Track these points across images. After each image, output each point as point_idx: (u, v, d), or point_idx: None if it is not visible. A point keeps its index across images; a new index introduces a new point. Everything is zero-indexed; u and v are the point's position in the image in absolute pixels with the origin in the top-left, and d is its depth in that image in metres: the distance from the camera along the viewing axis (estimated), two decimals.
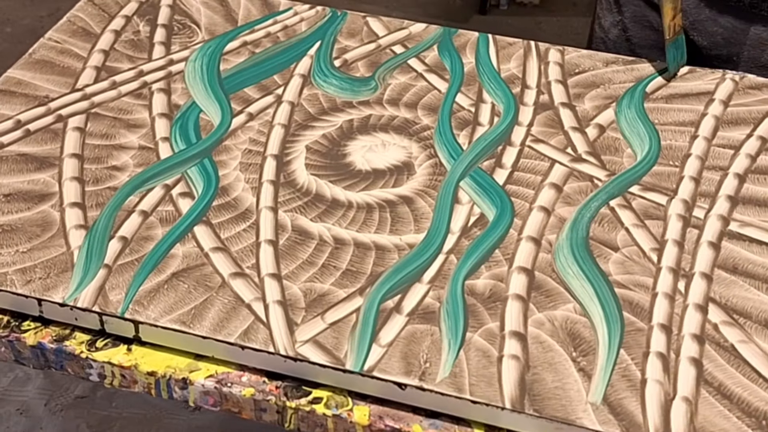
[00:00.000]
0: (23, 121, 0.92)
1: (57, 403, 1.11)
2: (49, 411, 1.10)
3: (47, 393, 1.13)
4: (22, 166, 0.88)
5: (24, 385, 1.13)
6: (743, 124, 0.94)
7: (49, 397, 1.12)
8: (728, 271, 0.80)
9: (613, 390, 0.70)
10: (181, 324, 0.74)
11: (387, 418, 0.71)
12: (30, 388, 1.13)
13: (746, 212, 0.85)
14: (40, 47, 1.02)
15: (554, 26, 2.44)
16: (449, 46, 1.04)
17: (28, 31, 2.46)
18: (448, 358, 0.72)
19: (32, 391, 1.13)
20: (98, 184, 0.86)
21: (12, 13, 2.55)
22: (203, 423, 1.10)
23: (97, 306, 0.75)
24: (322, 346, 0.73)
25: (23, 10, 2.56)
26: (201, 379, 0.73)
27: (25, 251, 0.80)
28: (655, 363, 0.72)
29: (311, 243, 0.81)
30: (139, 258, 0.79)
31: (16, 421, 1.09)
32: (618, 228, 0.83)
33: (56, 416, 1.09)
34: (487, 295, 0.77)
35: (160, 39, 1.04)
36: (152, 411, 1.11)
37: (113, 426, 1.10)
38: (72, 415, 1.10)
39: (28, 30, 2.47)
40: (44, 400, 1.12)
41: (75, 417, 1.10)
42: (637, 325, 0.75)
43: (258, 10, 1.08)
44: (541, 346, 0.73)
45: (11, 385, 1.13)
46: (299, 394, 0.72)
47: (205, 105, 0.95)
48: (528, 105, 0.96)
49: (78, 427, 1.09)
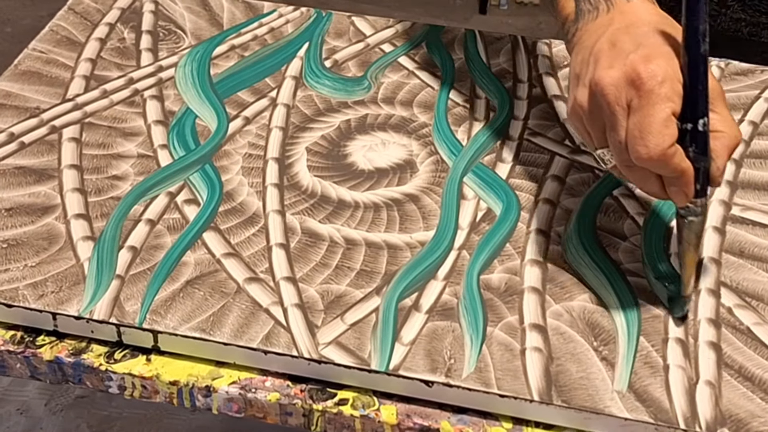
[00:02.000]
0: (16, 133, 0.91)
1: (57, 403, 1.10)
2: (49, 411, 1.09)
3: (47, 393, 1.12)
4: (21, 179, 0.87)
5: (24, 385, 1.12)
6: (733, 110, 0.95)
7: (50, 397, 1.11)
8: (736, 254, 0.81)
9: (638, 377, 0.71)
10: (200, 331, 0.74)
11: (415, 416, 0.71)
12: (30, 388, 1.12)
13: (746, 196, 0.86)
14: (26, 58, 1.00)
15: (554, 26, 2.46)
16: (438, 43, 1.04)
17: (29, 31, 2.40)
18: (472, 354, 0.73)
19: (32, 391, 1.12)
20: (101, 194, 0.85)
21: (12, 13, 2.52)
22: (204, 423, 1.09)
23: (114, 317, 0.75)
24: (345, 347, 0.73)
25: (23, 10, 2.53)
26: (224, 386, 0.73)
27: (33, 265, 0.79)
28: (675, 348, 0.73)
29: (323, 245, 0.81)
30: (151, 267, 0.79)
31: (17, 421, 1.08)
32: (624, 217, 0.84)
33: (56, 416, 1.08)
34: (503, 289, 0.78)
35: (146, 45, 1.03)
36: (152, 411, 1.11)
37: (113, 426, 1.09)
38: (72, 415, 1.09)
39: (28, 30, 2.44)
40: (44, 400, 1.11)
41: (75, 417, 1.09)
42: (653, 312, 0.76)
43: (242, 14, 1.08)
44: (561, 337, 0.74)
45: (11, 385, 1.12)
46: (325, 397, 0.72)
47: (200, 110, 0.94)
48: (522, 99, 0.97)
49: (78, 427, 1.08)
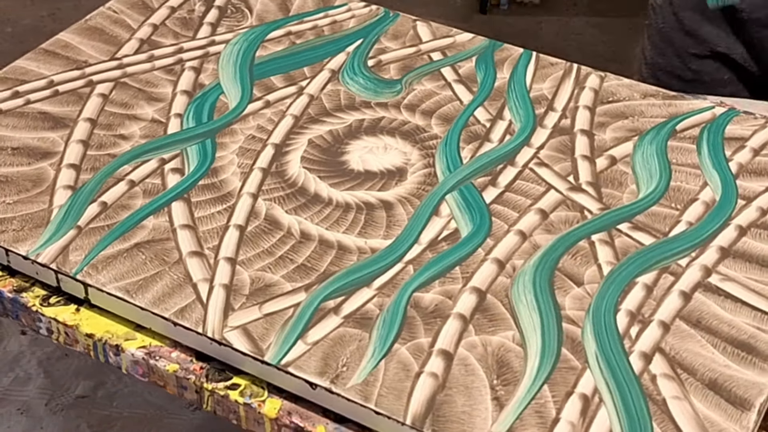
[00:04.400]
0: (56, 81, 0.97)
1: (57, 403, 1.13)
2: (49, 411, 1.12)
3: (48, 393, 1.14)
4: (39, 123, 0.92)
5: (24, 385, 1.15)
6: (766, 175, 0.89)
7: (50, 396, 1.14)
8: (690, 323, 0.76)
9: (521, 424, 0.68)
10: (125, 292, 0.76)
11: (295, 415, 0.71)
12: (30, 388, 1.15)
13: (733, 267, 0.80)
14: (97, 15, 1.06)
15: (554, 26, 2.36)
16: (488, 59, 1.02)
17: (29, 31, 2.48)
18: (367, 366, 0.72)
19: (33, 390, 1.14)
20: (101, 149, 0.89)
21: (12, 13, 2.59)
22: (204, 423, 1.11)
23: (55, 264, 0.78)
24: (250, 334, 0.73)
25: (24, 10, 2.60)
26: (133, 348, 0.75)
27: (10, 203, 0.84)
28: (575, 404, 0.70)
29: (277, 234, 0.82)
30: (111, 224, 0.82)
31: (17, 420, 1.11)
32: (591, 263, 0.80)
33: (57, 416, 1.11)
34: (430, 310, 0.76)
35: (210, 20, 1.06)
36: (153, 411, 1.13)
37: (114, 426, 1.11)
38: (72, 415, 1.12)
39: (28, 30, 2.49)
40: (45, 399, 1.14)
41: (75, 417, 1.11)
42: (572, 363, 0.72)
43: (313, 2, 1.10)
44: (464, 368, 0.72)
45: (12, 385, 1.15)
46: (220, 378, 0.73)
47: (227, 87, 0.97)
48: (546, 127, 0.94)
49: (78, 427, 1.11)
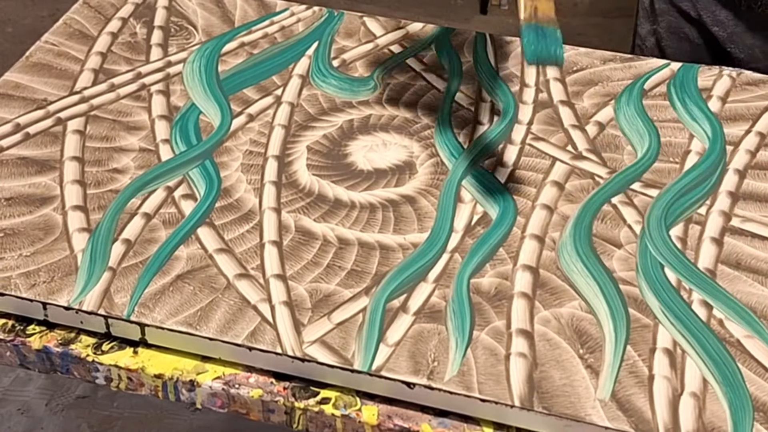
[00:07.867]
0: (22, 124, 0.92)
1: (58, 403, 1.11)
2: (50, 411, 1.10)
3: (48, 393, 1.12)
4: (23, 169, 0.88)
5: (25, 385, 1.13)
6: (741, 120, 0.94)
7: (50, 397, 1.12)
8: (731, 266, 0.80)
9: (621, 386, 0.71)
10: (187, 326, 0.74)
11: (396, 418, 0.71)
12: (31, 388, 1.12)
13: (747, 208, 0.85)
14: (37, 50, 1.01)
15: None
16: (447, 46, 1.04)
17: (29, 31, 2.44)
18: (456, 357, 0.72)
19: (33, 391, 1.12)
20: (100, 186, 0.86)
21: (13, 14, 2.54)
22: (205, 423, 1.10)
23: (103, 309, 0.75)
24: (330, 346, 0.73)
25: (24, 10, 2.55)
26: (208, 381, 0.73)
27: (28, 255, 0.79)
28: (662, 359, 0.72)
29: (315, 243, 0.81)
30: (144, 260, 0.79)
31: (17, 421, 1.08)
32: (621, 225, 0.83)
33: (57, 416, 1.09)
34: (492, 293, 0.77)
35: (157, 41, 1.03)
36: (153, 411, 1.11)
37: (114, 426, 1.09)
38: (73, 415, 1.10)
39: (29, 30, 2.46)
40: (45, 400, 1.12)
41: (76, 417, 1.09)
42: (642, 321, 0.75)
43: (254, 11, 1.08)
44: (548, 343, 0.74)
45: (12, 385, 1.13)
46: (307, 395, 0.72)
47: (204, 106, 0.95)
48: (527, 103, 0.96)
49: (79, 427, 1.09)
